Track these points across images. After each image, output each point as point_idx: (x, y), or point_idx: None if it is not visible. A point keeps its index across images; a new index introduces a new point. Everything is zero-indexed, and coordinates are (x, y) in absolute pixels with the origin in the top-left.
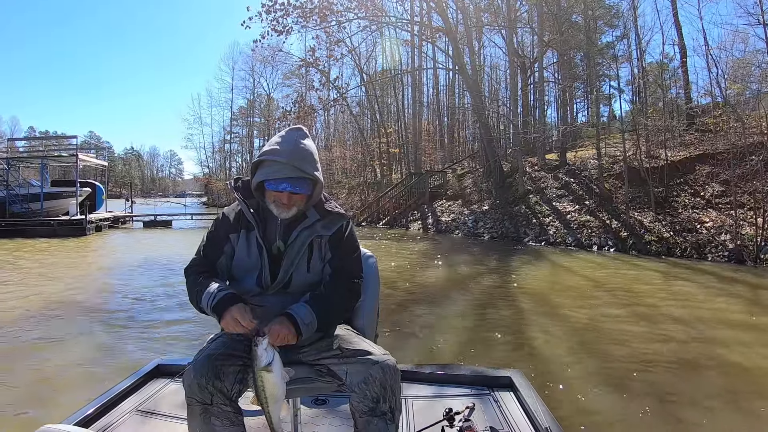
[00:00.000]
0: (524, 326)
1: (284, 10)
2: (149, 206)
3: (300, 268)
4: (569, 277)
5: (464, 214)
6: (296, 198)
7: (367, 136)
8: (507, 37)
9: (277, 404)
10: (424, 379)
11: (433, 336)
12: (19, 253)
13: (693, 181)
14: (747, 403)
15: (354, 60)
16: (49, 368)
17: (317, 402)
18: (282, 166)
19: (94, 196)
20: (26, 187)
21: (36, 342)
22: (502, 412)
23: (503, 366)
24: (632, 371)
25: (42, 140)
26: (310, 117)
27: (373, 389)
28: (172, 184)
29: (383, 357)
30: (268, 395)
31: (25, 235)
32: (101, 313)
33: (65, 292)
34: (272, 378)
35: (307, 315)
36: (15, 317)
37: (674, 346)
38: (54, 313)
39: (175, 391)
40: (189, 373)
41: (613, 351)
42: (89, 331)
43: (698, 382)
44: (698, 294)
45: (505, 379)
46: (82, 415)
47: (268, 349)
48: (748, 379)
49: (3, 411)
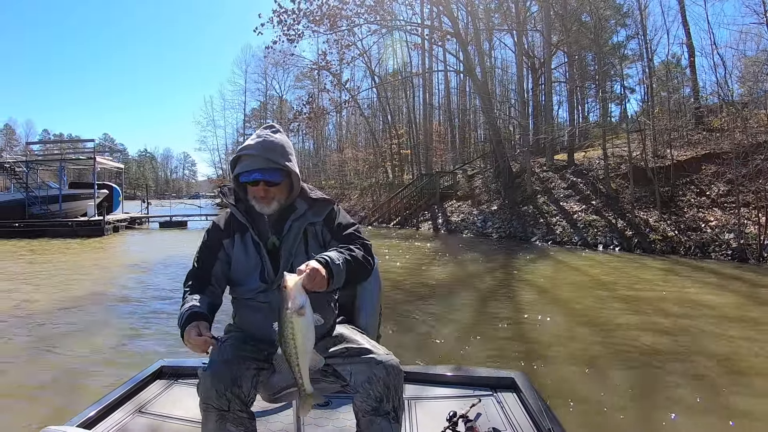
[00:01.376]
0: (519, 315)
1: (295, 16)
2: (164, 207)
3: (299, 257)
4: (569, 273)
5: (473, 214)
6: (273, 191)
7: (379, 138)
8: (516, 39)
9: (306, 356)
10: (427, 381)
11: (434, 326)
12: (44, 252)
13: (699, 181)
14: (725, 383)
15: (365, 62)
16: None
17: (319, 403)
18: (253, 159)
19: (111, 197)
20: (45, 189)
21: (77, 328)
22: (505, 414)
23: (505, 366)
24: (614, 354)
25: (60, 144)
26: (322, 118)
27: (376, 389)
28: (186, 186)
29: (386, 357)
30: (298, 345)
31: (45, 236)
32: (131, 304)
33: (96, 287)
34: (304, 324)
35: (336, 257)
36: (52, 308)
37: (654, 334)
38: (86, 304)
39: (179, 392)
40: (206, 379)
41: (599, 337)
42: (121, 319)
43: (678, 366)
44: (692, 289)
45: (507, 380)
46: (84, 416)
47: (301, 291)
48: (727, 363)
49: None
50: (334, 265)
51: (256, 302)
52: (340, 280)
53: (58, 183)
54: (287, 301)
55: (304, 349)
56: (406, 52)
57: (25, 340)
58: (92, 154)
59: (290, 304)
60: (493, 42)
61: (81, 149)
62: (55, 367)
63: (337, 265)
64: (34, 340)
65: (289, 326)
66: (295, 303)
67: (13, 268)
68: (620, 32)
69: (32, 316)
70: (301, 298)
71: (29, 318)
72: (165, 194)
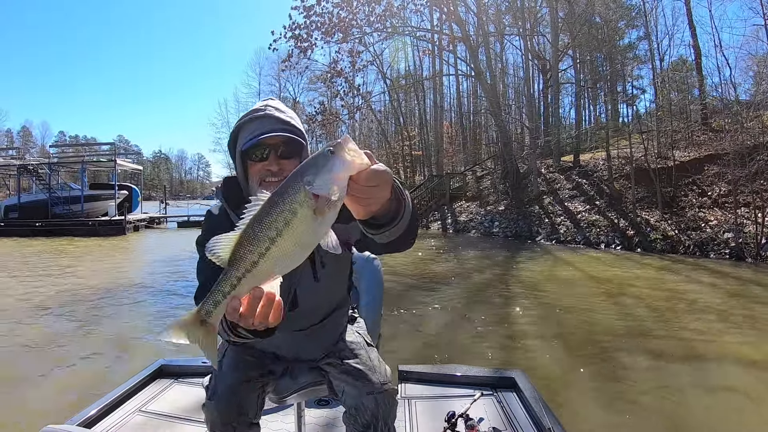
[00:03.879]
0: (510, 306)
1: (307, 30)
2: (180, 208)
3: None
4: (564, 269)
5: (481, 214)
6: (287, 167)
7: (391, 140)
8: (524, 43)
9: (270, 274)
10: (427, 380)
11: (432, 316)
12: (74, 248)
13: (701, 181)
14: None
15: (377, 66)
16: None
17: (320, 403)
18: (262, 121)
19: (131, 198)
20: (66, 190)
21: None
22: (505, 413)
23: (507, 365)
24: (593, 344)
25: (80, 146)
26: (335, 123)
27: (363, 417)
28: (200, 187)
29: (380, 386)
30: (275, 249)
31: (67, 234)
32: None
33: (130, 277)
34: (314, 225)
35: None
36: (101, 294)
37: (632, 324)
38: (126, 292)
39: (179, 392)
40: (212, 412)
41: (583, 328)
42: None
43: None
44: (684, 286)
45: (508, 379)
46: (85, 415)
47: (346, 178)
48: (703, 352)
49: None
50: (400, 192)
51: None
52: (397, 220)
53: (76, 184)
54: (316, 170)
55: (279, 262)
56: (417, 55)
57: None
58: (112, 156)
59: (317, 179)
60: (504, 44)
61: (97, 152)
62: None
63: (404, 198)
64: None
65: (287, 213)
66: (327, 181)
67: (65, 261)
68: (631, 33)
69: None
70: (342, 185)
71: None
72: (179, 195)
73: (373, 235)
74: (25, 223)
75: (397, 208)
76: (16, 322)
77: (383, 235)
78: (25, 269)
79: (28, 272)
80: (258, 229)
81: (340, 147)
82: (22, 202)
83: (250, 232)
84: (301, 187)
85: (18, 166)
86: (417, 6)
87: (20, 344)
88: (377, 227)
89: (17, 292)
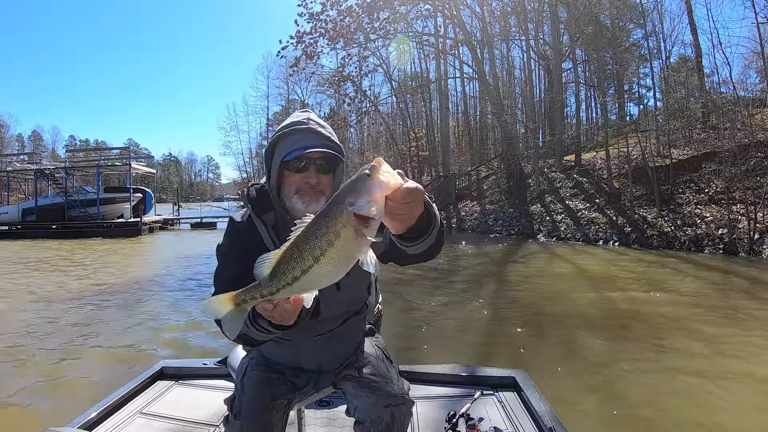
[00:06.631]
0: (510, 306)
1: (312, 36)
2: (192, 210)
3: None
4: (560, 264)
5: (485, 213)
6: (325, 181)
7: (399, 141)
8: (527, 44)
9: (311, 291)
10: (428, 380)
11: (432, 315)
12: (97, 249)
13: (698, 179)
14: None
15: (383, 69)
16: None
17: (321, 403)
18: (304, 135)
19: (145, 200)
20: (82, 193)
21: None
22: (506, 413)
23: (507, 365)
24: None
25: (94, 151)
26: (344, 127)
27: (377, 429)
28: (210, 189)
29: (398, 399)
30: (314, 272)
31: (84, 236)
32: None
33: (152, 274)
34: (353, 248)
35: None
36: (130, 288)
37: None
38: (154, 287)
39: (180, 394)
40: (236, 430)
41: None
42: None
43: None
44: (669, 278)
45: (508, 379)
46: (85, 418)
47: (382, 199)
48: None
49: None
50: (430, 205)
51: (278, 338)
52: (428, 230)
53: (90, 187)
54: (356, 193)
55: (320, 278)
56: (422, 58)
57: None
58: (126, 159)
59: (358, 201)
60: (511, 45)
61: (109, 155)
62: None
63: (435, 213)
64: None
65: (331, 234)
66: (367, 202)
67: (86, 260)
68: (636, 33)
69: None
70: (380, 205)
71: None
72: (189, 197)
73: (407, 247)
74: (42, 225)
75: (429, 219)
76: (62, 311)
77: (417, 246)
78: (72, 267)
79: (73, 270)
80: (304, 247)
81: (376, 170)
82: (39, 205)
83: (295, 249)
84: (344, 209)
85: (35, 170)
86: (422, 11)
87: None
88: (412, 240)
89: (66, 287)
